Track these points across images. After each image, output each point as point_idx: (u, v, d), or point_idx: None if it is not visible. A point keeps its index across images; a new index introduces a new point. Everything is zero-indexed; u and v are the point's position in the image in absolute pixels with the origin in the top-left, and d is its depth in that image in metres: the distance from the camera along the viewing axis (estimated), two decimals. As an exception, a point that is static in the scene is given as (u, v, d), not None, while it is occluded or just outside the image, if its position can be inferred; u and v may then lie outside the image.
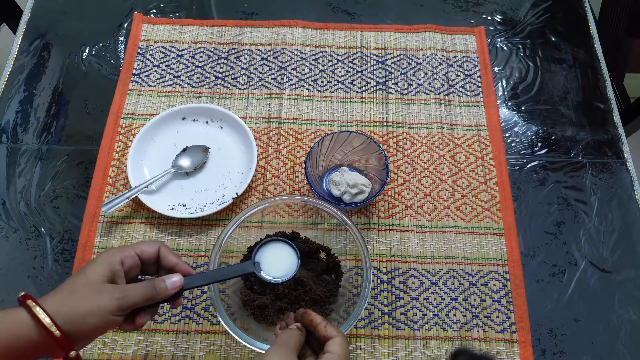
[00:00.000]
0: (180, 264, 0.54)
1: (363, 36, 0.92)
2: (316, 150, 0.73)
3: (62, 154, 0.81)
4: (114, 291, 0.48)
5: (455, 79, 0.88)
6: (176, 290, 0.52)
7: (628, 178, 0.81)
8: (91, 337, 0.48)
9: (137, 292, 0.49)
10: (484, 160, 0.81)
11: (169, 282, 0.51)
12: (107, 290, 0.48)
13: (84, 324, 0.46)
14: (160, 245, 0.54)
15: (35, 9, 0.94)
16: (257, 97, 0.86)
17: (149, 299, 0.50)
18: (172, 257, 0.54)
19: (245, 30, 0.92)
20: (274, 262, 0.59)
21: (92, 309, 0.47)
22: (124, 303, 0.48)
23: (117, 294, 0.48)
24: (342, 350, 0.49)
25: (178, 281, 0.52)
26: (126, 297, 0.48)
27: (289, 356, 0.48)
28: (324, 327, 0.51)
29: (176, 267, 0.54)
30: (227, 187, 0.77)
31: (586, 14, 0.96)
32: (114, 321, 0.48)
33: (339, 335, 0.51)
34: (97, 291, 0.47)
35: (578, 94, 0.88)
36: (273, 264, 0.58)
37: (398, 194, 0.78)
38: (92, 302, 0.47)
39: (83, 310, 0.46)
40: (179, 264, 0.54)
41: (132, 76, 0.87)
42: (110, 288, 0.48)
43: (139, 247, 0.52)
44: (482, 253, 0.74)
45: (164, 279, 0.51)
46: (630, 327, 0.70)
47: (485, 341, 0.69)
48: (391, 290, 0.71)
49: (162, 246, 0.54)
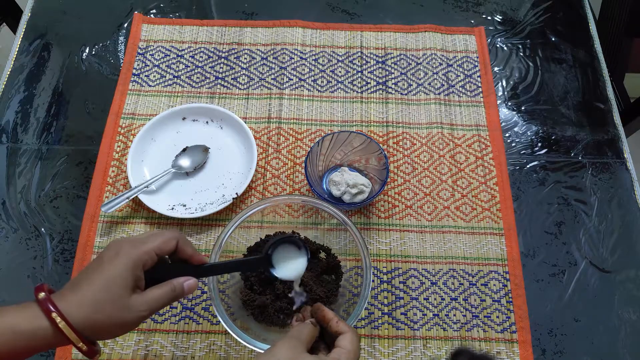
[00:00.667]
0: (195, 255, 0.54)
1: (363, 36, 0.92)
2: (316, 150, 0.73)
3: (62, 154, 0.81)
4: (139, 306, 0.48)
5: (455, 79, 0.88)
6: (192, 292, 0.53)
7: (628, 178, 0.81)
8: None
9: (159, 300, 0.50)
10: (484, 160, 0.81)
11: (186, 285, 0.52)
12: (133, 307, 0.48)
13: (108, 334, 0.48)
14: (178, 238, 0.53)
15: (35, 9, 0.94)
16: (257, 97, 0.86)
17: (169, 302, 0.51)
18: (188, 249, 0.54)
19: (245, 30, 0.92)
20: (284, 261, 0.60)
21: (117, 324, 0.47)
22: (148, 315, 0.49)
23: (144, 311, 0.48)
24: (352, 346, 0.50)
25: (193, 285, 0.53)
26: (150, 308, 0.49)
27: (296, 348, 0.48)
28: (335, 323, 0.52)
29: (192, 259, 0.54)
30: (227, 187, 0.77)
31: (586, 14, 0.96)
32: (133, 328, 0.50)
33: (350, 331, 0.51)
34: (123, 308, 0.47)
35: (578, 94, 0.88)
36: (283, 262, 0.60)
37: (398, 194, 0.78)
38: (118, 319, 0.47)
39: (108, 325, 0.47)
40: (195, 256, 0.54)
41: (132, 76, 0.87)
42: (136, 304, 0.48)
43: (157, 246, 0.51)
44: (482, 253, 0.74)
45: (182, 281, 0.52)
46: (630, 327, 0.70)
47: (485, 341, 0.69)
48: (391, 290, 0.71)
49: (180, 239, 0.53)
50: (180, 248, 0.53)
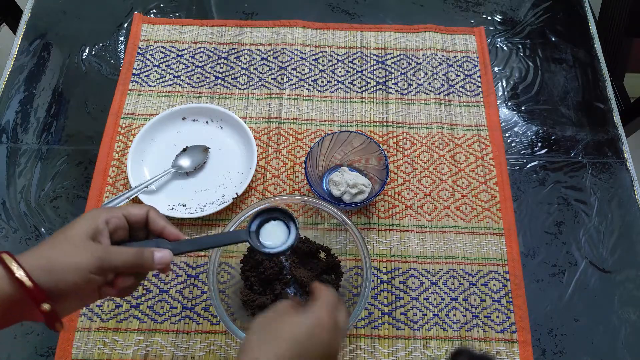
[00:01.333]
0: (168, 227, 0.51)
1: (363, 36, 0.92)
2: (316, 150, 0.73)
3: (62, 154, 0.81)
4: (95, 249, 0.46)
5: (455, 79, 0.88)
6: (163, 267, 0.50)
7: (628, 178, 0.81)
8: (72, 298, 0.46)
9: (121, 256, 0.47)
10: (484, 160, 0.81)
11: (156, 256, 0.49)
12: (88, 247, 0.46)
13: (61, 279, 0.44)
14: (149, 209, 0.51)
15: (35, 9, 0.94)
16: (257, 97, 0.86)
17: (133, 266, 0.48)
18: (160, 220, 0.51)
19: (245, 30, 0.92)
20: (270, 235, 0.56)
21: (70, 264, 0.44)
22: (105, 264, 0.46)
23: (98, 253, 0.46)
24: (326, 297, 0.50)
25: (165, 257, 0.50)
26: (108, 258, 0.46)
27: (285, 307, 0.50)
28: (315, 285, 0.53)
29: (164, 231, 0.51)
30: (227, 187, 0.77)
31: (586, 14, 0.96)
32: (92, 280, 0.45)
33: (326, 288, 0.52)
34: (77, 247, 0.46)
35: (578, 94, 0.88)
36: (270, 236, 0.56)
37: (398, 194, 0.78)
38: (71, 257, 0.45)
39: (61, 264, 0.44)
40: (167, 228, 0.51)
41: (132, 76, 0.87)
42: (92, 245, 0.46)
43: (126, 209, 0.50)
44: (482, 253, 0.74)
45: (153, 250, 0.49)
46: (630, 327, 0.70)
47: (485, 341, 0.69)
48: (391, 290, 0.71)
49: (152, 210, 0.52)
50: (151, 218, 0.51)
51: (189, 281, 0.71)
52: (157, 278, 0.71)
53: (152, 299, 0.70)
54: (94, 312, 0.69)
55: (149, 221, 0.51)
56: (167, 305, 0.70)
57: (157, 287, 0.71)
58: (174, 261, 0.72)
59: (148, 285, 0.71)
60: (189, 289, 0.71)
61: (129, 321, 0.69)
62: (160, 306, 0.70)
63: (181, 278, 0.72)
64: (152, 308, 0.70)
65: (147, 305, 0.70)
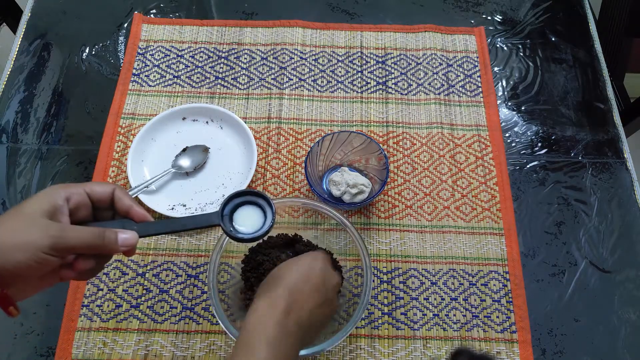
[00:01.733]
0: (135, 208, 0.48)
1: (363, 36, 0.92)
2: (316, 150, 0.73)
3: (62, 154, 0.81)
4: (49, 227, 0.42)
5: (455, 79, 0.88)
6: (127, 249, 0.46)
7: (628, 178, 0.81)
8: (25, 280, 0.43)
9: (79, 235, 0.43)
10: (484, 160, 0.81)
11: (120, 237, 0.46)
12: (41, 225, 0.42)
13: (10, 259, 0.40)
14: (115, 186, 0.48)
15: (35, 9, 0.94)
16: (257, 97, 0.86)
17: (93, 247, 0.44)
18: (126, 199, 0.48)
19: (245, 30, 0.92)
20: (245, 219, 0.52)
21: (19, 242, 0.41)
22: (60, 242, 0.42)
23: (53, 231, 0.42)
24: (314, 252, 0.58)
25: (130, 239, 0.46)
26: (64, 237, 0.42)
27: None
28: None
29: (131, 210, 0.48)
30: (227, 187, 0.77)
31: (586, 14, 0.96)
32: (46, 260, 0.41)
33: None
34: (28, 224, 0.42)
35: (578, 94, 0.88)
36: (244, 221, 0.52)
37: (398, 194, 0.78)
38: (20, 236, 0.41)
39: (9, 243, 0.40)
40: (134, 208, 0.48)
41: (132, 76, 0.87)
42: (46, 223, 0.42)
43: (89, 185, 0.47)
44: (482, 253, 0.74)
45: (117, 231, 0.46)
46: (630, 327, 0.70)
47: (485, 341, 0.69)
48: (391, 290, 0.71)
49: (118, 188, 0.48)
50: (117, 197, 0.48)
51: (189, 281, 0.71)
52: (157, 278, 0.71)
53: (152, 299, 0.70)
54: (94, 312, 0.69)
55: (115, 200, 0.48)
56: (167, 305, 0.70)
57: (157, 287, 0.71)
58: (174, 261, 0.72)
59: (148, 285, 0.71)
60: (189, 289, 0.71)
61: (129, 321, 0.69)
62: (160, 306, 0.70)
63: (181, 278, 0.72)
64: (152, 308, 0.70)
65: (147, 305, 0.70)
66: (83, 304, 0.69)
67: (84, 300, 0.70)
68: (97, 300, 0.70)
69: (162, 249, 0.73)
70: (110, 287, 0.71)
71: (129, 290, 0.71)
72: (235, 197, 0.52)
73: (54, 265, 0.43)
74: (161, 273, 0.72)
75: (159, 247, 0.73)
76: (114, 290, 0.70)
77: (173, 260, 0.73)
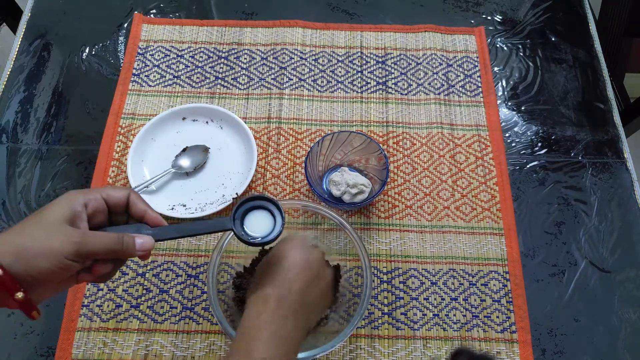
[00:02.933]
0: (149, 212, 0.49)
1: (363, 36, 0.92)
2: (316, 150, 0.73)
3: (62, 154, 0.81)
4: (72, 234, 0.43)
5: (455, 79, 0.88)
6: (144, 253, 0.48)
7: (628, 178, 0.81)
8: (46, 284, 0.44)
9: (100, 241, 0.45)
10: (484, 160, 0.81)
11: (137, 242, 0.47)
12: (64, 232, 0.43)
13: (33, 266, 0.41)
14: (130, 191, 0.49)
15: (35, 9, 0.94)
16: (257, 97, 0.86)
17: (113, 252, 0.46)
18: (141, 204, 0.49)
19: (245, 30, 0.92)
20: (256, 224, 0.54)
21: (43, 249, 0.42)
22: (83, 249, 0.43)
23: (75, 238, 0.43)
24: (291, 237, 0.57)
25: (147, 243, 0.48)
26: (86, 243, 0.44)
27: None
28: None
29: (146, 215, 0.49)
30: (227, 187, 0.77)
31: (586, 14, 0.96)
32: (68, 266, 0.43)
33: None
34: (51, 231, 0.43)
35: (578, 94, 0.88)
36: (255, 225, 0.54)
37: (398, 194, 0.78)
38: (44, 243, 0.42)
39: (33, 250, 0.42)
40: (149, 213, 0.49)
41: (132, 76, 0.87)
42: (68, 230, 0.44)
43: (105, 190, 0.48)
44: (482, 253, 0.74)
45: (135, 236, 0.47)
46: (630, 327, 0.70)
47: (485, 341, 0.69)
48: (391, 290, 0.71)
49: (132, 193, 0.49)
50: (132, 202, 0.49)
51: (189, 281, 0.71)
52: (157, 278, 0.71)
53: (152, 299, 0.70)
54: (94, 312, 0.69)
55: (130, 204, 0.49)
56: (167, 305, 0.70)
57: (157, 287, 0.71)
58: (174, 261, 0.72)
59: (148, 285, 0.71)
60: (189, 289, 0.71)
61: (129, 321, 0.69)
62: (160, 306, 0.70)
63: (181, 278, 0.72)
64: (152, 308, 0.70)
65: (147, 305, 0.70)
66: (83, 304, 0.69)
67: (84, 300, 0.70)
68: (97, 300, 0.70)
69: (162, 249, 0.73)
70: (110, 287, 0.71)
71: (129, 290, 0.71)
72: (246, 202, 0.54)
73: (75, 270, 0.44)
74: (161, 273, 0.72)
75: (159, 247, 0.73)
76: (114, 290, 0.70)
77: (173, 260, 0.73)
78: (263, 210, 0.55)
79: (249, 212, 0.54)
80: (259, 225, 0.54)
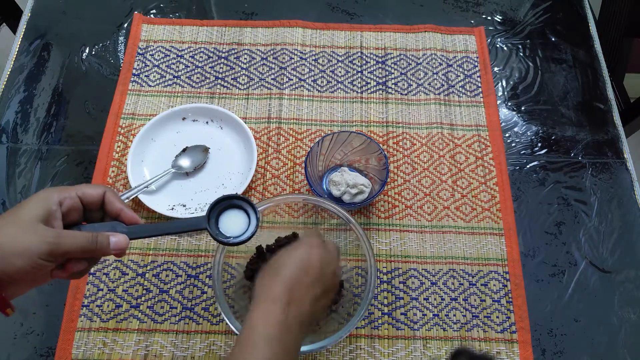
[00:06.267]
0: (125, 210, 0.50)
1: (363, 36, 0.92)
2: (316, 150, 0.73)
3: (62, 154, 0.81)
4: (46, 233, 0.44)
5: (455, 79, 0.88)
6: (119, 252, 0.48)
7: (628, 178, 0.81)
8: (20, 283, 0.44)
9: (74, 241, 0.45)
10: (484, 161, 0.81)
11: (112, 241, 0.47)
12: (39, 231, 0.43)
13: (8, 265, 0.42)
14: (105, 189, 0.50)
15: (35, 9, 0.94)
16: (257, 97, 0.86)
17: (87, 251, 0.46)
18: (117, 202, 0.49)
19: (245, 30, 0.92)
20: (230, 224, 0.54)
21: (18, 249, 0.42)
22: (57, 249, 0.44)
23: (50, 237, 0.44)
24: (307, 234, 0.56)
25: (121, 242, 0.48)
26: (60, 243, 0.44)
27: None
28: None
29: (121, 213, 0.49)
30: (227, 187, 0.77)
31: (586, 14, 0.96)
32: (42, 266, 0.43)
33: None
34: (26, 231, 0.43)
35: (578, 94, 0.88)
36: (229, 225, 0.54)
37: (398, 194, 0.78)
38: (19, 243, 0.43)
39: (8, 250, 0.42)
40: (125, 211, 0.50)
41: (132, 76, 0.87)
42: (43, 230, 0.44)
43: (80, 188, 0.48)
44: (482, 253, 0.74)
45: (109, 235, 0.47)
46: (630, 327, 0.70)
47: (485, 341, 0.69)
48: (391, 290, 0.71)
49: (108, 191, 0.50)
50: (108, 200, 0.49)
51: (189, 281, 0.71)
52: (157, 278, 0.71)
53: (152, 299, 0.70)
54: (94, 312, 0.69)
55: (106, 202, 0.50)
56: (167, 305, 0.70)
57: (157, 287, 0.71)
58: (174, 261, 0.72)
59: (148, 285, 0.71)
60: (189, 289, 0.71)
61: (129, 321, 0.69)
62: (160, 306, 0.70)
63: (181, 278, 0.72)
64: (152, 308, 0.70)
65: (147, 305, 0.70)
66: (83, 304, 0.69)
67: (84, 301, 0.70)
68: (97, 300, 0.70)
69: (162, 249, 0.73)
70: (110, 287, 0.71)
71: (129, 290, 0.71)
72: (221, 201, 0.54)
73: (49, 269, 0.45)
74: (161, 273, 0.72)
75: (159, 247, 0.73)
76: (114, 290, 0.71)
77: (173, 261, 0.73)
78: (238, 210, 0.55)
79: (224, 212, 0.54)
80: (234, 224, 0.54)
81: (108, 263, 0.72)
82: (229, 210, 0.55)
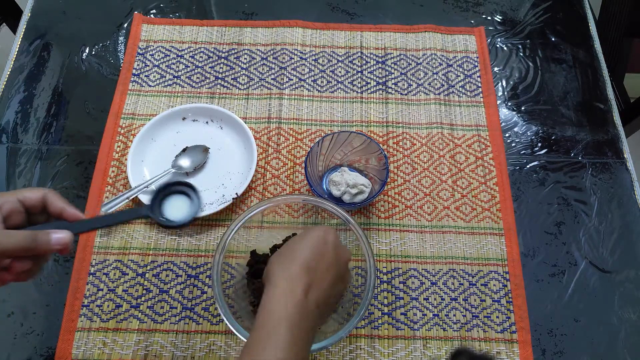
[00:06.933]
0: (67, 208, 0.50)
1: (363, 36, 0.92)
2: (316, 150, 0.73)
3: (62, 154, 0.81)
4: None
5: (455, 79, 0.88)
6: (62, 247, 0.48)
7: (628, 178, 0.81)
8: None
9: (12, 240, 0.45)
10: (484, 161, 0.81)
11: (54, 237, 0.48)
12: None
13: None
14: (46, 191, 0.50)
15: (35, 9, 0.94)
16: (257, 97, 0.86)
17: (27, 249, 0.46)
18: (58, 202, 0.50)
19: (245, 30, 0.92)
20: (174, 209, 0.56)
21: None
22: None
23: None
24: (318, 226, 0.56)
25: (65, 238, 0.48)
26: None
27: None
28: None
29: (64, 212, 0.50)
30: (227, 187, 0.77)
31: (586, 14, 0.96)
32: None
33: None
34: None
35: (578, 94, 0.88)
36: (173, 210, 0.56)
37: (398, 194, 0.78)
38: None
39: None
40: (66, 209, 0.50)
41: (132, 76, 0.87)
42: None
43: (21, 192, 0.49)
44: (482, 253, 0.74)
45: (50, 232, 0.48)
46: (630, 327, 0.70)
47: (485, 341, 0.69)
48: (391, 290, 0.72)
49: (49, 192, 0.50)
50: (49, 200, 0.50)
51: (189, 281, 0.71)
52: (157, 278, 0.71)
53: (152, 299, 0.70)
54: (94, 312, 0.69)
55: (47, 203, 0.50)
56: (167, 305, 0.70)
57: (157, 287, 0.71)
58: (174, 261, 0.73)
59: (148, 285, 0.71)
60: (189, 289, 0.71)
61: (129, 321, 0.69)
62: (160, 306, 0.70)
63: (181, 278, 0.72)
64: (152, 308, 0.70)
65: (147, 305, 0.70)
66: (83, 304, 0.69)
67: (84, 300, 0.70)
68: (97, 300, 0.70)
69: (162, 249, 0.73)
70: (110, 287, 0.71)
71: (129, 290, 0.71)
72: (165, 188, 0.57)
73: None
74: (161, 273, 0.72)
75: (159, 247, 0.73)
76: (114, 290, 0.71)
77: (173, 260, 0.73)
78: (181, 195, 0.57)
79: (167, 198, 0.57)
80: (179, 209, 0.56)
81: (108, 263, 0.72)
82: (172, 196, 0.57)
